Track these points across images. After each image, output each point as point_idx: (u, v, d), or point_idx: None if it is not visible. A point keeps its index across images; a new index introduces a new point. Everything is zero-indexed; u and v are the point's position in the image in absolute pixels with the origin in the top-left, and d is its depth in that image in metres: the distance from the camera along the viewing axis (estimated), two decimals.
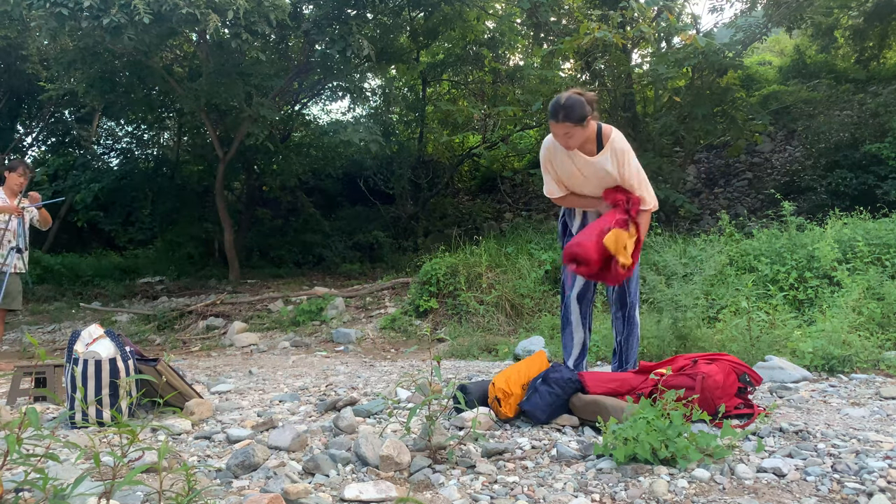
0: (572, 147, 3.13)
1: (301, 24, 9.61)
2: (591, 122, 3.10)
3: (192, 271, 12.22)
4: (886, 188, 8.64)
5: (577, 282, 3.40)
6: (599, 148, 3.14)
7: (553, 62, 9.63)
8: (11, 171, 5.40)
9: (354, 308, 8.09)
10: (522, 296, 6.81)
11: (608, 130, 3.14)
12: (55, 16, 7.35)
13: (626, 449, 2.14)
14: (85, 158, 14.72)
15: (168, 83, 10.26)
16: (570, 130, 3.04)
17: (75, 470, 2.20)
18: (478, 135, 13.34)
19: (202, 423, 3.10)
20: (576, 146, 3.13)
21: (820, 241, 5.36)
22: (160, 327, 8.18)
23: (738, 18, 9.94)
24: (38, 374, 3.81)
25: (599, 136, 3.14)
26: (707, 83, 8.90)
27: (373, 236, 12.54)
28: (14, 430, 1.59)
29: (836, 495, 1.92)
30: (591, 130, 3.12)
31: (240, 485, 2.14)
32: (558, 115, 3.03)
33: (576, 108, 3.01)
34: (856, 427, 2.60)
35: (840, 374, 3.74)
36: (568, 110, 3.01)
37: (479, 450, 2.42)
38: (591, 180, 3.21)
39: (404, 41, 12.61)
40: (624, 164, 3.11)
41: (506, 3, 11.91)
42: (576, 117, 3.01)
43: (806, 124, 11.12)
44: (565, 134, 3.07)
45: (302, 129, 13.79)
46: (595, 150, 3.15)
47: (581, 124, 3.03)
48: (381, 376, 4.47)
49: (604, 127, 3.15)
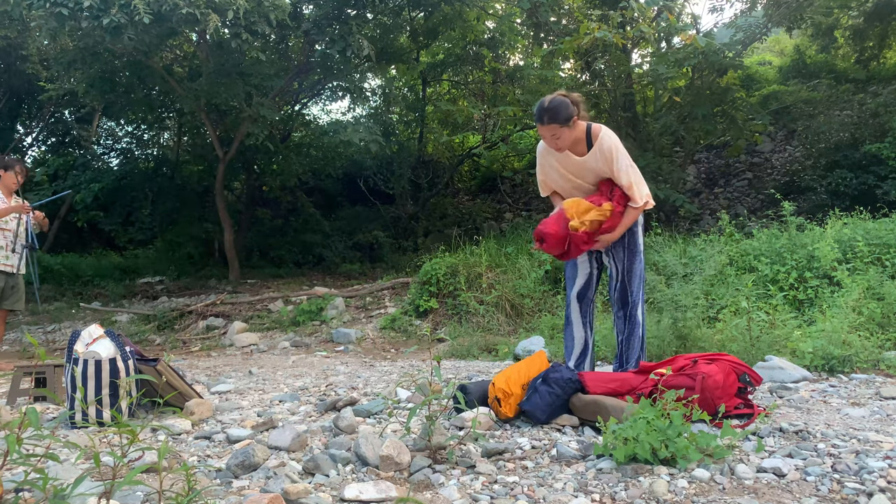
0: (562, 148, 3.15)
1: (301, 24, 9.60)
2: (579, 123, 3.11)
3: (192, 271, 12.22)
4: (886, 188, 8.64)
5: (577, 280, 3.40)
6: (590, 147, 3.15)
7: (553, 62, 9.63)
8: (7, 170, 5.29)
9: (354, 308, 8.09)
10: (522, 296, 6.80)
11: (597, 129, 3.14)
12: (55, 16, 7.35)
13: (626, 449, 2.14)
14: (85, 158, 14.72)
15: (168, 83, 10.26)
16: (556, 132, 3.07)
17: (75, 470, 2.20)
18: (478, 135, 13.34)
19: (202, 423, 3.10)
20: (565, 147, 3.14)
21: (820, 241, 5.36)
22: (160, 327, 8.18)
23: (738, 18, 9.94)
24: (38, 374, 3.81)
25: (589, 135, 3.15)
26: (707, 83, 8.90)
27: (373, 236, 12.54)
28: (14, 430, 1.59)
29: (836, 495, 1.92)
30: (579, 131, 3.13)
31: (240, 485, 2.14)
32: (543, 117, 3.05)
33: (560, 109, 3.02)
34: (856, 427, 2.60)
35: (840, 374, 3.73)
36: (552, 112, 3.03)
37: (479, 450, 2.42)
38: (585, 180, 3.23)
39: (404, 41, 12.61)
40: (613, 161, 3.11)
41: (506, 3, 11.90)
42: (561, 118, 3.03)
43: (806, 124, 11.12)
44: (552, 136, 3.09)
45: (302, 129, 13.78)
46: (585, 150, 3.16)
47: (567, 125, 3.04)
48: (381, 376, 4.47)
49: (593, 126, 3.16)
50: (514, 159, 13.88)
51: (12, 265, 5.24)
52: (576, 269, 3.42)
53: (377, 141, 9.99)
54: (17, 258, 5.29)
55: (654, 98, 9.88)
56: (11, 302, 5.30)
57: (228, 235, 11.14)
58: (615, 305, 3.37)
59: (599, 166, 3.14)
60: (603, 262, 3.41)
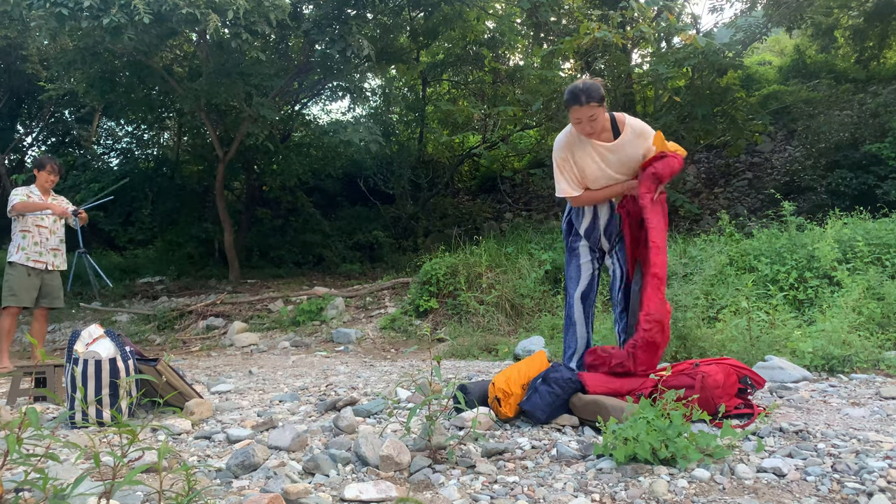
0: (596, 132, 3.10)
1: (301, 24, 9.61)
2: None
3: (192, 271, 12.22)
4: (886, 188, 8.65)
5: (581, 281, 3.39)
6: (616, 134, 3.14)
7: (553, 62, 9.63)
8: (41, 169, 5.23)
9: (354, 308, 8.09)
10: (522, 296, 6.80)
11: (621, 116, 3.16)
12: (55, 16, 7.35)
13: (626, 449, 2.14)
14: (85, 158, 14.72)
15: (168, 83, 10.26)
16: (594, 112, 3.01)
17: (75, 470, 2.20)
18: (478, 135, 13.33)
19: (202, 423, 3.10)
20: (599, 130, 3.10)
21: (820, 241, 5.36)
22: (160, 327, 8.18)
23: (738, 18, 9.95)
24: (38, 374, 3.81)
25: (613, 123, 3.15)
26: (707, 83, 8.91)
27: (373, 236, 12.54)
28: (14, 430, 1.59)
29: (836, 495, 1.92)
30: (606, 118, 3.13)
31: (240, 485, 2.14)
32: (580, 98, 2.98)
33: (595, 88, 3.00)
34: (856, 427, 2.59)
35: (840, 374, 3.73)
36: (589, 91, 2.98)
37: (479, 450, 2.42)
38: (614, 167, 3.19)
39: (404, 41, 12.60)
40: (649, 137, 3.13)
41: (506, 3, 11.91)
42: (598, 97, 2.99)
43: (806, 124, 11.13)
44: (590, 117, 3.02)
45: (302, 129, 13.78)
46: (612, 138, 3.15)
47: (602, 104, 3.03)
48: (381, 376, 4.47)
49: (616, 115, 3.17)
50: (514, 159, 13.88)
51: (45, 262, 5.22)
52: (579, 270, 3.41)
53: (377, 141, 9.99)
54: (51, 255, 5.27)
55: (654, 98, 9.89)
56: (50, 300, 5.27)
57: (228, 235, 11.14)
58: (617, 306, 3.37)
59: (633, 149, 3.13)
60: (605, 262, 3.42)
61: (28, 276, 5.10)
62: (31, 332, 5.52)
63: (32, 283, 5.13)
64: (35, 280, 5.15)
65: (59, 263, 5.36)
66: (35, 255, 5.14)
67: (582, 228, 3.37)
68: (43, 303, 5.23)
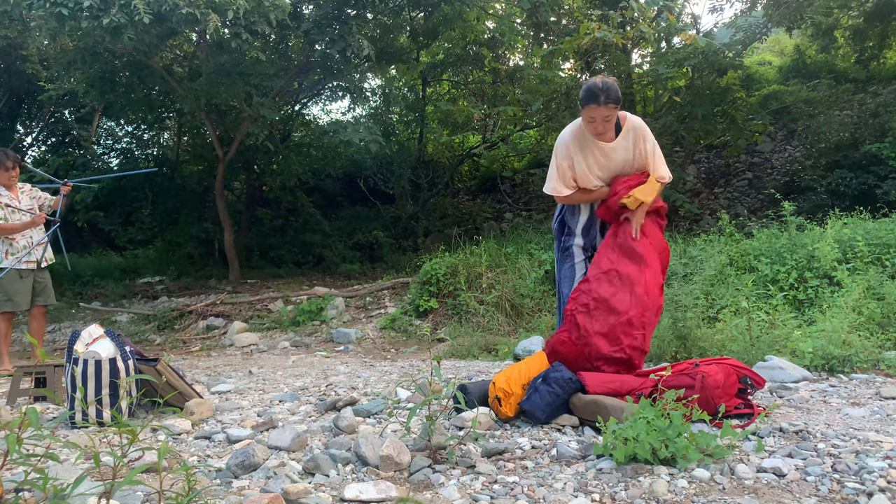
0: (607, 133, 3.07)
1: (301, 24, 9.60)
2: None
3: (192, 271, 12.21)
4: (886, 188, 8.64)
5: (575, 280, 3.39)
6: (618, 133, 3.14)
7: (553, 62, 9.64)
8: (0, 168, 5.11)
9: (354, 308, 8.09)
10: (522, 296, 6.80)
11: (623, 114, 3.15)
12: (55, 16, 7.35)
13: (626, 449, 2.14)
14: (85, 158, 14.70)
15: (168, 83, 10.26)
16: (610, 113, 2.96)
17: (75, 470, 2.20)
18: (478, 135, 13.33)
19: (202, 423, 3.10)
20: (611, 131, 3.08)
21: (820, 241, 5.36)
22: (160, 327, 8.18)
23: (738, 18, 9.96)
24: (38, 374, 3.81)
25: (616, 122, 3.14)
26: (707, 83, 8.91)
27: (373, 236, 12.53)
28: (14, 430, 1.59)
29: (836, 495, 1.92)
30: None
31: (240, 485, 2.14)
32: (599, 97, 2.91)
33: (614, 88, 2.95)
34: (856, 427, 2.59)
35: (840, 374, 3.73)
36: (609, 91, 2.92)
37: (479, 450, 2.42)
38: (611, 167, 3.18)
39: (404, 41, 12.60)
40: (645, 140, 3.12)
41: (506, 3, 11.91)
42: (616, 98, 2.94)
43: (806, 124, 11.12)
44: (605, 118, 2.97)
45: (302, 129, 13.78)
46: (614, 137, 3.14)
47: (619, 106, 2.99)
48: (381, 376, 4.47)
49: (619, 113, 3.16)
50: (514, 159, 13.88)
51: (35, 260, 5.23)
52: (573, 270, 3.41)
53: (377, 141, 9.99)
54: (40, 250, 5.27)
55: (653, 98, 9.89)
56: (44, 297, 5.29)
57: (228, 235, 11.14)
58: None
59: (628, 152, 3.12)
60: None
61: (21, 278, 5.13)
62: (30, 331, 5.53)
63: (26, 285, 5.16)
64: (28, 281, 5.17)
65: (49, 256, 5.40)
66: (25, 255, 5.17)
67: (578, 226, 3.36)
68: (38, 301, 5.25)
